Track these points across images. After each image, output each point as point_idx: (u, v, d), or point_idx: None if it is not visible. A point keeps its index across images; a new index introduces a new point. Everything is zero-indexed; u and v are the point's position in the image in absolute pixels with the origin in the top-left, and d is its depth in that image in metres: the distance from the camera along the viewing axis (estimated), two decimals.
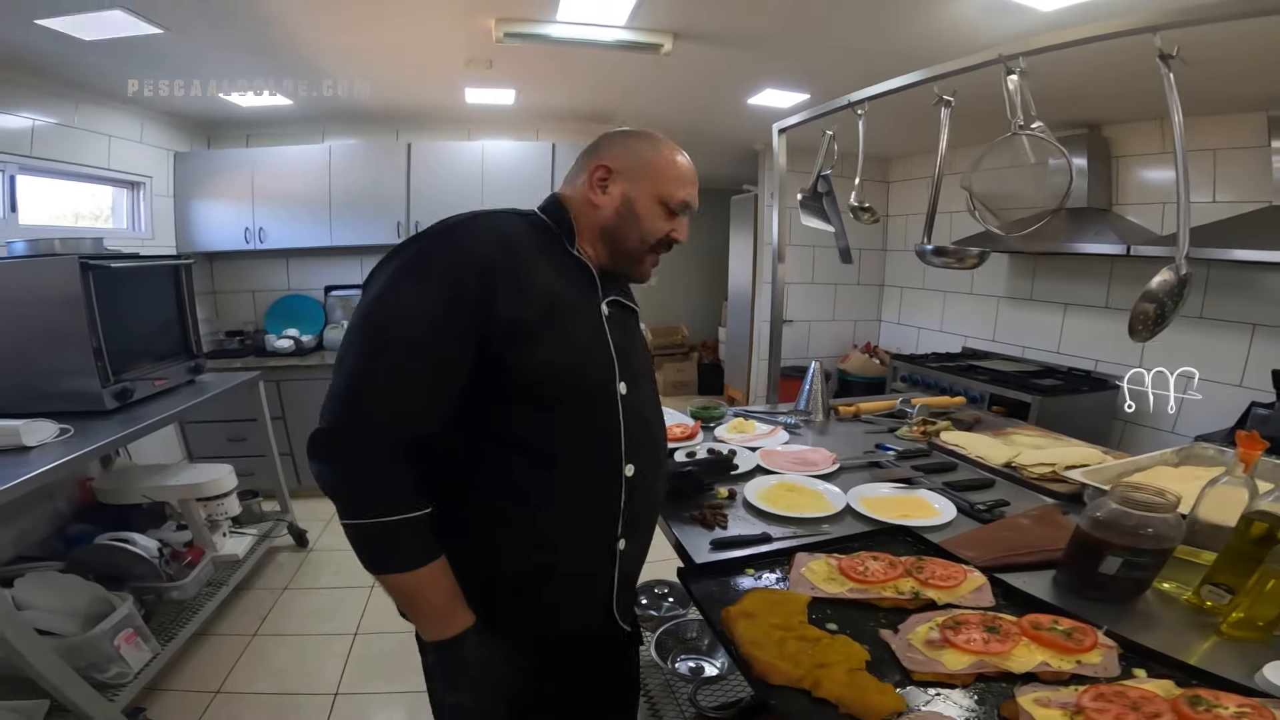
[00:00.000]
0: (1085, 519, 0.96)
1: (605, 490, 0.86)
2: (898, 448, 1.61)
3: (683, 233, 0.92)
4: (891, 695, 0.69)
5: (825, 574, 0.95)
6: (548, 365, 0.79)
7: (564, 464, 0.82)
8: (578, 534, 0.86)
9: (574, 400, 0.82)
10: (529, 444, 0.81)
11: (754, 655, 0.76)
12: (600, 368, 0.85)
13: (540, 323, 0.78)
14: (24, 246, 1.98)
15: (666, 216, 0.90)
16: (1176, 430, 2.77)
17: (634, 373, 0.89)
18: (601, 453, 0.85)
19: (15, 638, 1.39)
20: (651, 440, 0.93)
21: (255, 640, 2.14)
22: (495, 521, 0.83)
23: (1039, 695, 0.68)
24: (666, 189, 0.89)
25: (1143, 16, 1.13)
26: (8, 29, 1.93)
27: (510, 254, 0.79)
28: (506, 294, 0.76)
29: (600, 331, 0.87)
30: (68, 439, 1.74)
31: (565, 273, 0.86)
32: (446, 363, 0.76)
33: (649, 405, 0.94)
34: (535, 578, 0.86)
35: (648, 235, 0.89)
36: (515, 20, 2.09)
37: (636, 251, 0.90)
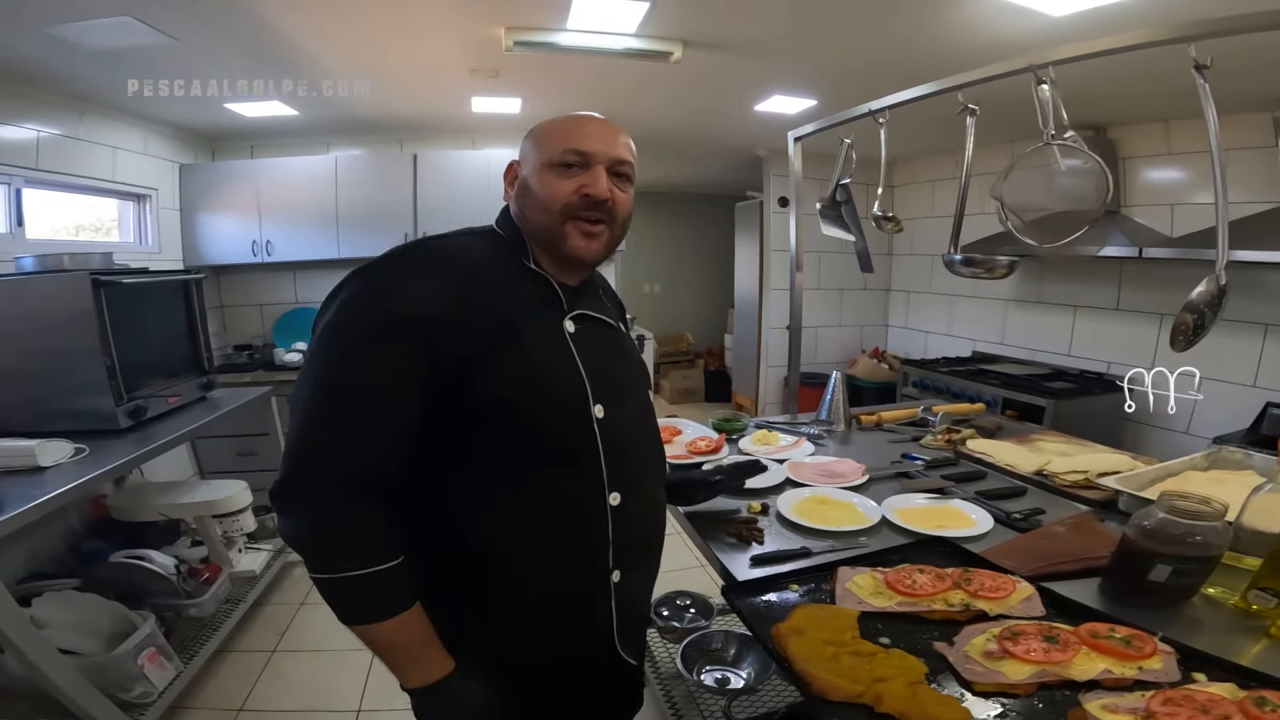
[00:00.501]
0: (1132, 528, 0.96)
1: (588, 523, 0.80)
2: (925, 457, 1.60)
3: (596, 185, 0.79)
4: (955, 707, 0.69)
5: (872, 588, 0.94)
6: (504, 399, 0.74)
7: (539, 498, 0.78)
8: (563, 571, 0.81)
9: (541, 430, 0.77)
10: (500, 480, 0.77)
11: (810, 673, 0.76)
12: (567, 392, 0.79)
13: (490, 355, 0.73)
14: (32, 262, 1.96)
15: (562, 176, 0.79)
16: (1190, 431, 2.77)
17: (613, 393, 0.82)
18: (580, 483, 0.79)
19: (38, 657, 1.37)
20: (639, 465, 0.86)
21: (275, 656, 2.12)
22: (476, 562, 0.79)
23: (1106, 702, 0.68)
24: (549, 152, 0.80)
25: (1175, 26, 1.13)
26: (16, 38, 1.92)
27: (448, 289, 0.74)
28: (445, 335, 0.72)
29: (565, 351, 0.80)
30: (83, 459, 1.72)
31: (521, 291, 0.80)
32: (391, 411, 0.72)
33: (635, 427, 0.87)
34: (524, 618, 0.82)
35: (548, 204, 0.79)
36: (525, 29, 2.09)
37: (549, 226, 0.80)
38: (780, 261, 4.21)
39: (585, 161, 0.79)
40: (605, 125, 0.83)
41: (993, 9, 1.80)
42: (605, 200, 0.80)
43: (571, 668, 0.87)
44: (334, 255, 3.26)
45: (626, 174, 0.83)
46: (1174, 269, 2.72)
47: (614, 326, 0.91)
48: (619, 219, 0.83)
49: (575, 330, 0.83)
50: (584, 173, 0.79)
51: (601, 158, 0.80)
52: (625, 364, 0.90)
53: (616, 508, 0.81)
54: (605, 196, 0.80)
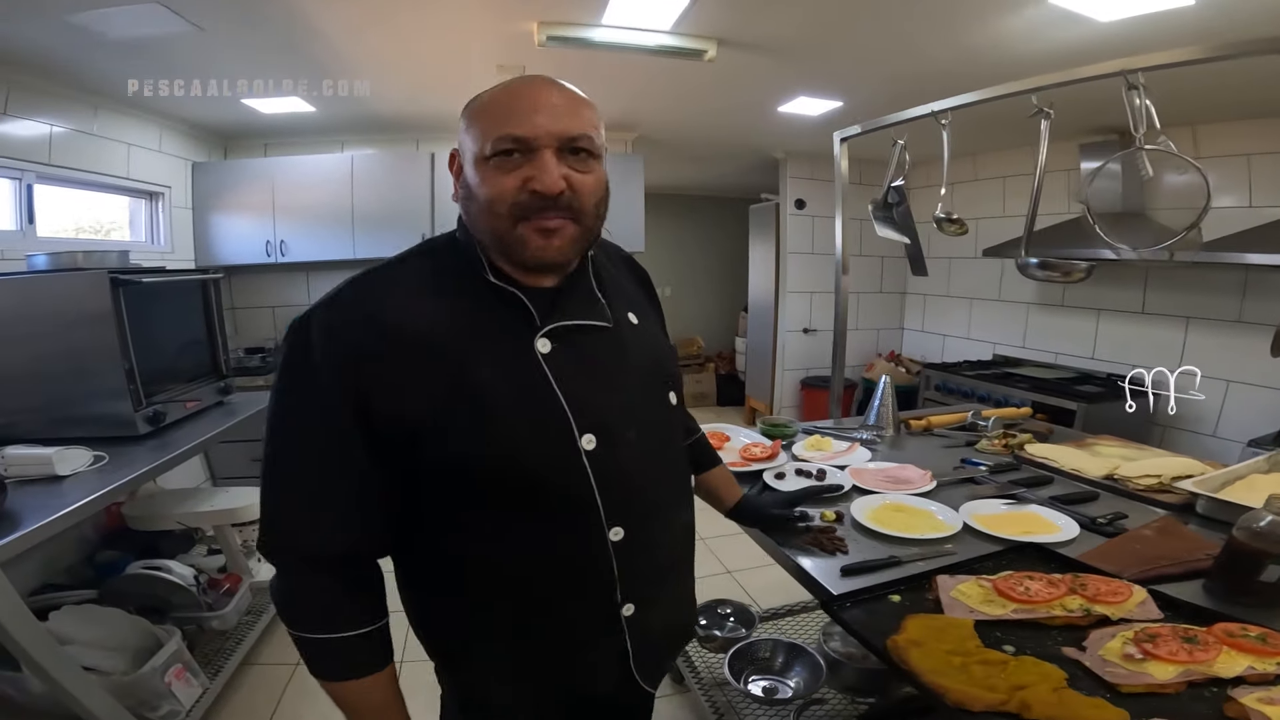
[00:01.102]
0: (1241, 531, 0.97)
1: (586, 564, 0.72)
2: (986, 462, 1.56)
3: (544, 177, 0.63)
4: (1109, 709, 0.68)
5: (981, 596, 0.93)
6: (464, 455, 0.65)
7: (524, 549, 0.70)
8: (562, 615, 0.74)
9: (518, 483, 0.67)
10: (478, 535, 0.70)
11: (943, 685, 0.74)
12: (544, 432, 0.67)
13: (442, 407, 0.64)
14: (46, 260, 1.88)
15: (499, 170, 0.64)
16: (1218, 434, 2.77)
17: (607, 416, 0.70)
18: (572, 525, 0.70)
19: (65, 677, 1.30)
20: (643, 494, 0.74)
21: (299, 669, 2.03)
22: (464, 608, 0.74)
23: (1260, 695, 0.69)
24: (482, 139, 0.64)
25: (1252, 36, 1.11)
26: (35, 26, 1.85)
27: (387, 336, 0.64)
28: (385, 395, 0.63)
29: (539, 381, 0.67)
30: (102, 467, 1.64)
31: (482, 315, 0.68)
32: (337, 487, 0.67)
33: (637, 454, 0.73)
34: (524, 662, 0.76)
35: (491, 205, 0.65)
36: (560, 24, 2.05)
37: (498, 231, 0.66)
38: (797, 264, 4.19)
39: (526, 147, 0.63)
40: (548, 91, 0.65)
41: (1042, 18, 1.79)
42: (559, 193, 0.64)
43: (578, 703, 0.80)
44: (349, 256, 3.19)
45: (586, 149, 0.66)
46: (1200, 272, 2.73)
47: (607, 329, 0.74)
48: (585, 208, 0.67)
49: (550, 350, 0.69)
50: (528, 161, 0.64)
51: (546, 139, 0.63)
52: (625, 374, 0.75)
53: (619, 542, 0.71)
54: (556, 190, 0.64)
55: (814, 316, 4.28)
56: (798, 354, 4.32)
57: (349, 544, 0.69)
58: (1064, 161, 2.93)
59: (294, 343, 0.66)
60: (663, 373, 0.81)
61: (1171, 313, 2.89)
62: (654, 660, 0.82)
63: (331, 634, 0.68)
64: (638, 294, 0.86)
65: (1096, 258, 1.75)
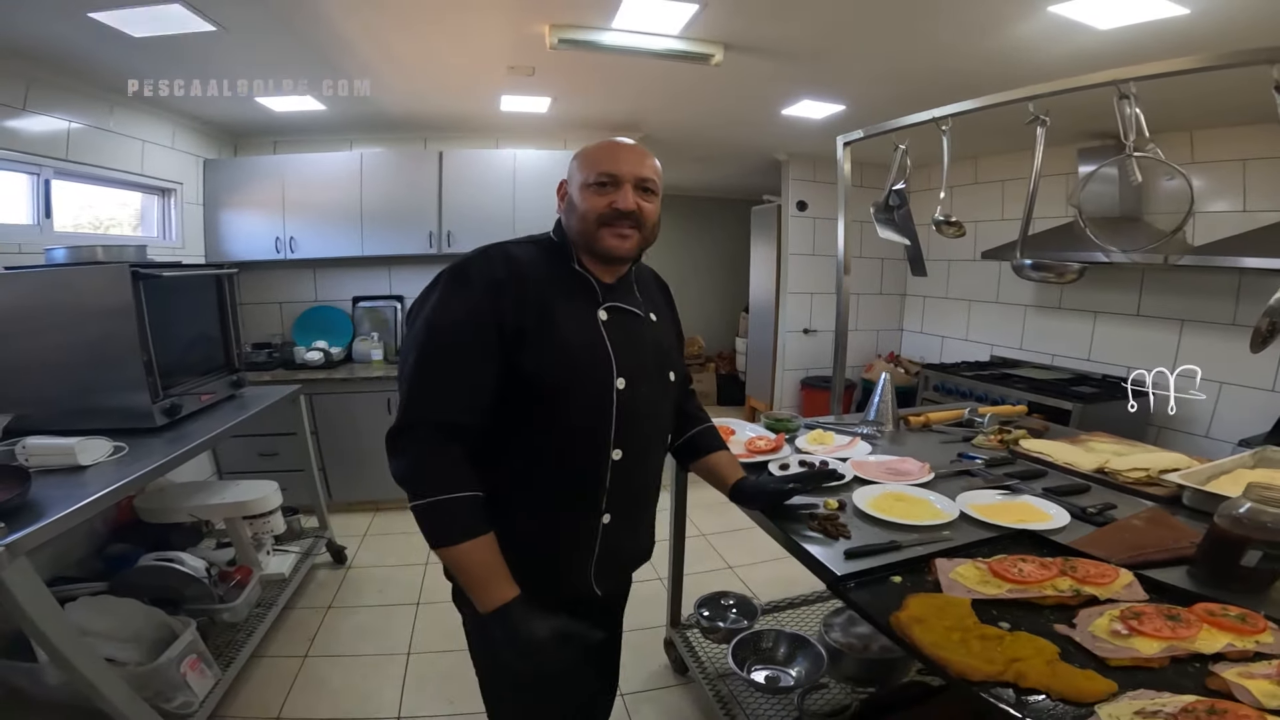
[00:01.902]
0: (1222, 518, 1.02)
1: (592, 468, 0.99)
2: (982, 456, 1.61)
3: (624, 200, 0.97)
4: (1099, 679, 0.72)
5: (978, 577, 0.97)
6: (540, 364, 0.93)
7: (559, 441, 0.97)
8: (566, 507, 1.00)
9: (570, 392, 0.95)
10: (535, 429, 0.96)
11: (945, 657, 0.79)
12: (595, 365, 0.97)
13: (536, 330, 0.93)
14: (65, 254, 1.91)
15: (597, 194, 0.97)
16: (1210, 435, 2.81)
17: (635, 371, 1.00)
18: (591, 437, 0.97)
19: (87, 668, 1.32)
20: (643, 430, 1.04)
21: (308, 662, 2.07)
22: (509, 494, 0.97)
23: (1240, 669, 0.74)
24: (586, 174, 0.98)
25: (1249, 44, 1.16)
26: (57, 23, 1.88)
27: (514, 275, 0.95)
28: (511, 307, 0.92)
29: (597, 334, 0.98)
30: (121, 458, 1.67)
31: (565, 286, 1.00)
32: (479, 362, 0.92)
33: (650, 400, 1.04)
34: (535, 540, 0.99)
35: (586, 214, 0.98)
36: (571, 26, 2.09)
37: (588, 232, 0.98)
38: (798, 265, 4.23)
39: (616, 181, 0.97)
40: (633, 150, 1.00)
41: (1044, 25, 1.84)
42: (631, 210, 0.97)
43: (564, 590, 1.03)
44: (358, 253, 3.23)
45: (650, 188, 1.00)
46: (1195, 276, 2.78)
47: (642, 317, 1.07)
48: (647, 224, 1.00)
49: (606, 318, 1.01)
50: (615, 191, 0.97)
51: (628, 177, 0.97)
52: (648, 348, 1.06)
53: (618, 462, 0.99)
54: (630, 208, 0.97)
55: (814, 317, 4.32)
56: (798, 354, 4.36)
57: (478, 416, 0.93)
58: (1063, 165, 2.98)
59: (455, 273, 0.95)
60: (665, 357, 1.11)
61: (1166, 315, 2.95)
62: (609, 571, 1.07)
63: (455, 493, 0.89)
64: (661, 302, 1.17)
65: (1091, 260, 1.80)
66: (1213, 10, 1.66)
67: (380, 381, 3.07)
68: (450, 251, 3.23)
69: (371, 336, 3.41)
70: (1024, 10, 1.77)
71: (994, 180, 3.72)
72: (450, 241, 3.25)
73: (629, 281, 1.08)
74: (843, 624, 1.74)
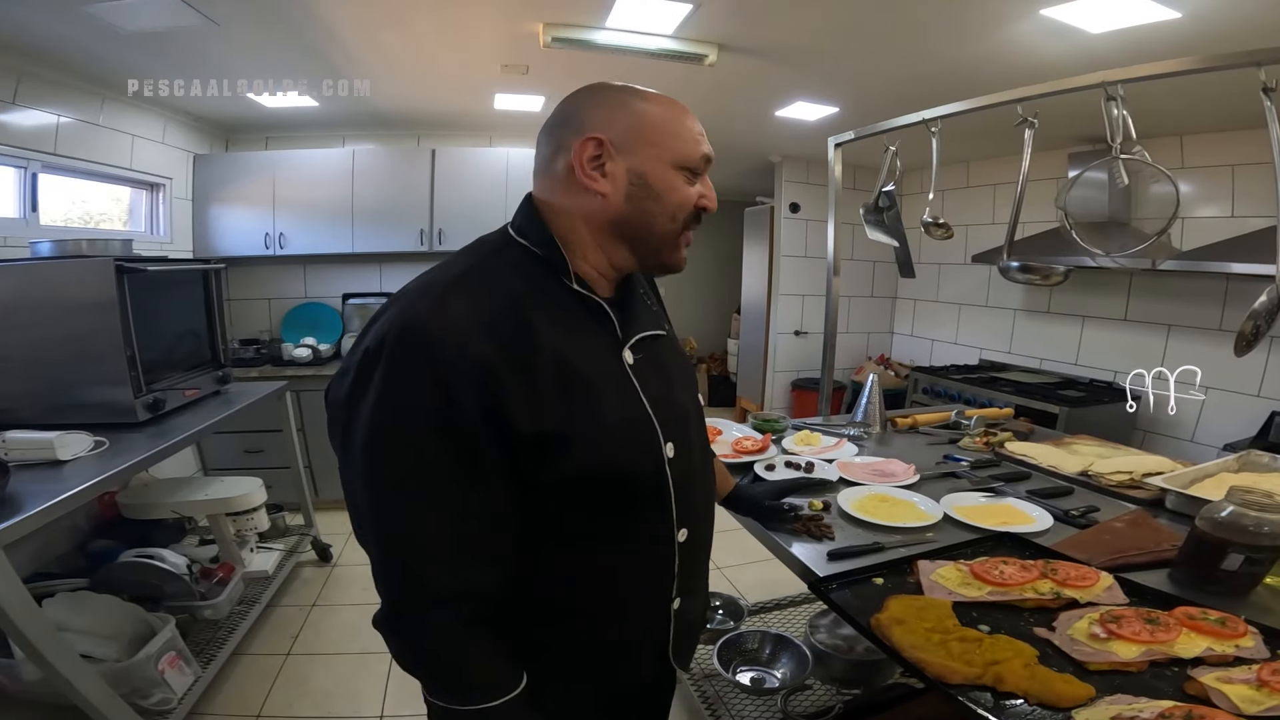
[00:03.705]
0: (1204, 521, 1.02)
1: (660, 565, 0.76)
2: (967, 458, 1.61)
3: (712, 197, 0.74)
4: (1077, 683, 0.72)
5: (959, 579, 0.97)
6: (583, 468, 0.65)
7: (614, 554, 0.72)
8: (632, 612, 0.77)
9: (620, 486, 0.70)
10: (570, 537, 0.70)
11: (923, 659, 0.78)
12: (641, 443, 0.70)
13: (565, 423, 0.63)
14: (50, 247, 1.89)
15: (690, 181, 0.71)
16: (1196, 439, 2.83)
17: (678, 424, 0.75)
18: (652, 526, 0.73)
19: (64, 665, 1.30)
20: (703, 495, 0.82)
21: (290, 660, 2.05)
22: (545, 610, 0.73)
23: (1218, 674, 0.73)
24: (682, 150, 0.69)
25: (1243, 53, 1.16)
26: (50, 16, 1.86)
27: (505, 345, 0.61)
28: (515, 408, 0.61)
29: (631, 393, 0.70)
30: (102, 452, 1.65)
31: (574, 323, 0.68)
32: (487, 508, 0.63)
33: (696, 454, 0.79)
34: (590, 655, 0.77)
35: (677, 212, 0.70)
36: (565, 25, 2.09)
37: (668, 235, 0.71)
38: (790, 267, 4.24)
39: (704, 169, 0.72)
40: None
41: (1037, 29, 1.85)
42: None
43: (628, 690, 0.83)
44: (348, 250, 3.21)
45: None
46: (1183, 281, 2.80)
47: (663, 337, 0.80)
48: None
49: (634, 362, 0.72)
50: (699, 181, 0.72)
51: (707, 167, 0.73)
52: (681, 379, 0.81)
53: (684, 543, 0.76)
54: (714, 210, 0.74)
55: (805, 319, 4.33)
56: (789, 356, 4.37)
57: (504, 577, 0.66)
58: (1053, 170, 2.99)
59: (405, 355, 0.60)
60: (692, 375, 0.88)
61: (1153, 320, 2.96)
62: (686, 646, 0.86)
63: (505, 696, 0.65)
64: (655, 301, 0.89)
65: (1079, 264, 1.81)
66: (1204, 14, 1.67)
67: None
68: (441, 249, 3.22)
69: None
70: (1017, 13, 1.78)
71: (985, 184, 3.74)
72: (441, 239, 3.24)
73: (634, 292, 0.78)
74: (828, 625, 1.73)
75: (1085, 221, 1.48)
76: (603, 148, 0.67)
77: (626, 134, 0.68)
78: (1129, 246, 1.39)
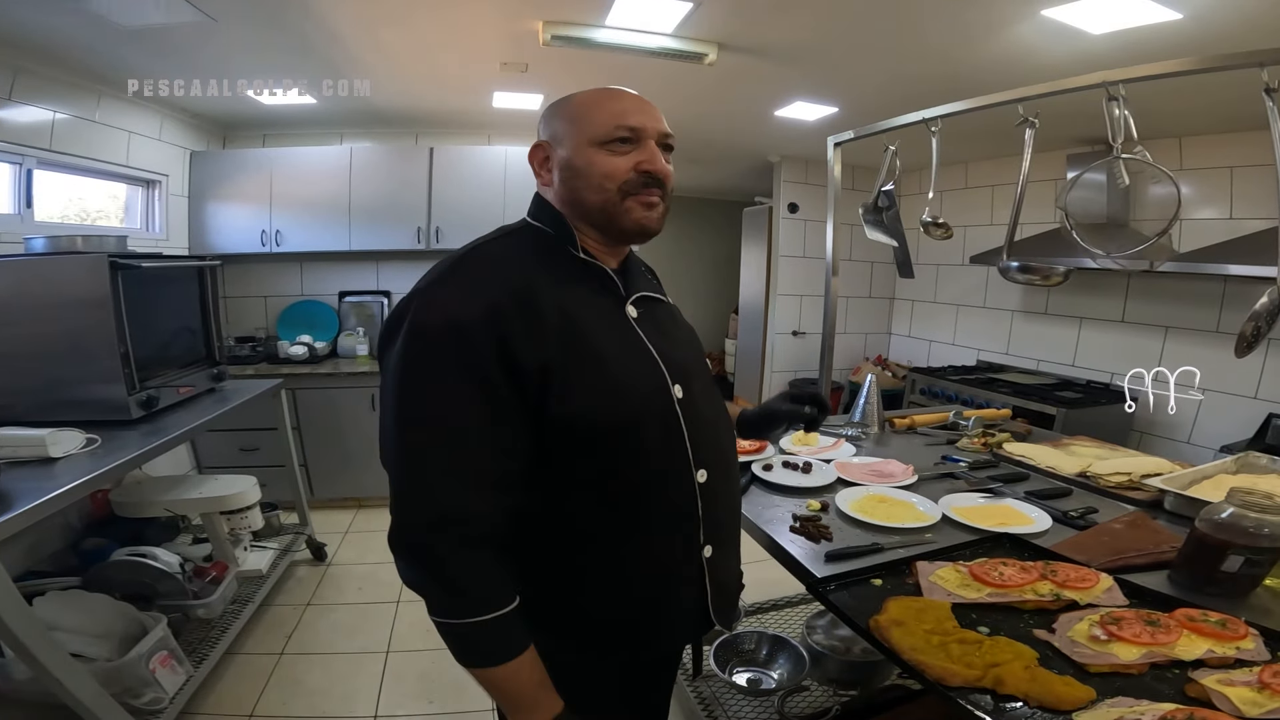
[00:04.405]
0: (1204, 522, 1.01)
1: (681, 503, 0.79)
2: (965, 459, 1.61)
3: (655, 162, 0.77)
4: (1078, 686, 0.71)
5: (958, 581, 0.96)
6: (590, 406, 0.72)
7: (633, 487, 0.76)
8: (661, 554, 0.80)
9: (630, 424, 0.75)
10: (593, 477, 0.75)
11: (923, 661, 0.78)
12: (647, 380, 0.77)
13: (567, 360, 0.71)
14: (44, 243, 1.88)
15: (615, 153, 0.76)
16: (1192, 441, 2.84)
17: (684, 372, 0.81)
18: (670, 465, 0.78)
19: (54, 664, 1.29)
20: (718, 439, 0.86)
21: (284, 659, 2.04)
22: (576, 560, 0.78)
23: (1219, 676, 0.73)
24: (595, 129, 0.77)
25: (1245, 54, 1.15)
26: (46, 12, 1.84)
27: (513, 294, 0.70)
28: (522, 343, 0.69)
29: (635, 339, 0.79)
30: (94, 450, 1.64)
31: (578, 284, 0.78)
32: (489, 443, 0.70)
33: (707, 402, 0.85)
34: (626, 606, 0.80)
35: (603, 183, 0.77)
36: (564, 24, 2.08)
37: (606, 204, 0.77)
38: (788, 267, 4.24)
39: (637, 137, 0.77)
40: (643, 100, 0.81)
41: (1038, 30, 1.84)
42: (662, 174, 0.78)
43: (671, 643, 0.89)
44: (345, 247, 3.19)
45: (671, 145, 0.82)
46: (1180, 283, 2.80)
47: (666, 302, 0.90)
48: (669, 192, 0.82)
49: (638, 315, 0.82)
50: (636, 149, 0.77)
51: (651, 133, 0.78)
52: (684, 337, 0.89)
53: (704, 484, 0.81)
54: (663, 171, 0.78)
55: (803, 319, 4.33)
56: (786, 356, 4.36)
57: (509, 505, 0.72)
58: (1054, 171, 3.00)
59: (432, 312, 0.70)
60: (698, 343, 0.95)
61: (1151, 322, 2.97)
62: (726, 604, 0.89)
63: (500, 610, 0.70)
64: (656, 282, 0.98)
65: (1078, 265, 1.81)
66: (1205, 15, 1.66)
67: (365, 377, 3.04)
68: (439, 248, 3.21)
69: (357, 332, 3.38)
70: (1018, 14, 1.77)
71: (984, 185, 3.74)
72: (439, 237, 3.22)
73: (635, 265, 0.89)
74: (825, 626, 1.73)
75: (1085, 222, 1.47)
76: (545, 150, 0.82)
77: (555, 132, 0.81)
78: (1128, 247, 1.38)
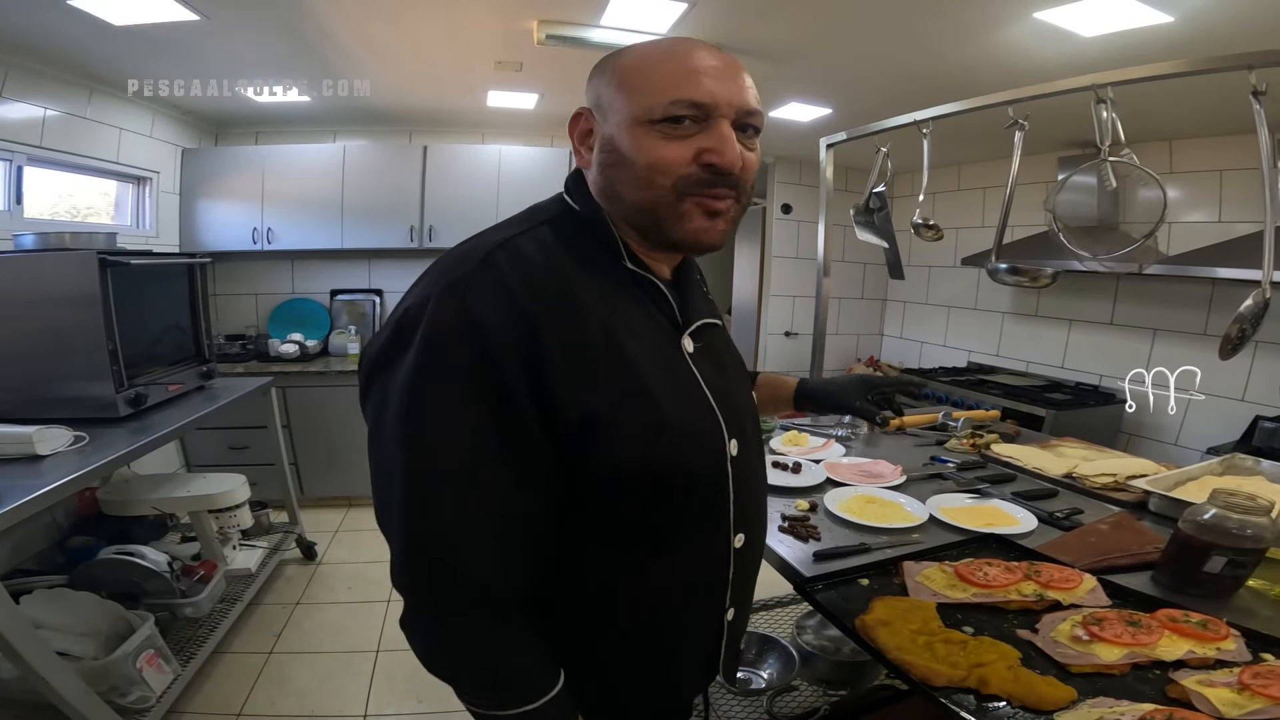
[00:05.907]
0: (1187, 523, 1.02)
1: (715, 571, 0.69)
2: (954, 460, 1.62)
3: (726, 152, 0.57)
4: (1060, 686, 0.72)
5: (944, 581, 0.97)
6: (636, 461, 0.58)
7: (664, 552, 0.64)
8: (685, 623, 0.70)
9: (674, 486, 0.62)
10: (620, 536, 0.62)
11: (908, 661, 0.78)
12: (702, 435, 0.63)
13: (614, 404, 0.56)
14: (33, 240, 1.87)
15: (670, 137, 0.57)
16: (1180, 443, 2.86)
17: (739, 419, 0.68)
18: (708, 531, 0.67)
19: (39, 662, 1.29)
20: (758, 496, 0.75)
21: (272, 658, 2.03)
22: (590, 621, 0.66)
23: (1200, 677, 0.73)
24: (647, 101, 0.57)
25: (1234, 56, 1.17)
26: (36, 11, 1.83)
27: (547, 304, 0.55)
28: (559, 372, 0.54)
29: (691, 382, 0.63)
30: (82, 447, 1.63)
31: (625, 304, 0.61)
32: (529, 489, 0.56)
33: (756, 452, 0.73)
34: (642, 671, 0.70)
35: (651, 178, 0.58)
36: (559, 23, 2.08)
37: (655, 206, 0.59)
38: (782, 268, 4.25)
39: (704, 114, 0.57)
40: (724, 59, 0.59)
41: (1030, 32, 1.85)
42: (734, 170, 0.58)
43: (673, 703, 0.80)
44: (337, 245, 3.19)
45: (756, 125, 0.60)
46: (1167, 285, 2.82)
47: (721, 327, 0.73)
48: (748, 189, 0.61)
49: (694, 350, 0.65)
50: (702, 131, 0.57)
51: (726, 109, 0.57)
52: (738, 371, 0.74)
53: (740, 549, 0.70)
54: (738, 166, 0.58)
55: (796, 320, 4.34)
56: (779, 357, 4.37)
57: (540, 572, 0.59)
58: (1043, 173, 3.01)
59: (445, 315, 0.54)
60: (746, 371, 0.81)
61: (1139, 324, 2.99)
62: (733, 658, 0.81)
63: (539, 700, 0.58)
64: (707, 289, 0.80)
65: (1067, 268, 1.82)
66: (1196, 18, 1.67)
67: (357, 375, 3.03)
68: (432, 246, 3.20)
69: (349, 330, 3.37)
70: (1010, 16, 1.78)
71: (975, 188, 3.77)
72: (432, 236, 3.22)
73: (690, 274, 0.71)
74: (815, 626, 1.73)
75: (1073, 225, 1.48)
76: (589, 119, 0.63)
77: (600, 98, 0.61)
78: (1116, 250, 1.40)
